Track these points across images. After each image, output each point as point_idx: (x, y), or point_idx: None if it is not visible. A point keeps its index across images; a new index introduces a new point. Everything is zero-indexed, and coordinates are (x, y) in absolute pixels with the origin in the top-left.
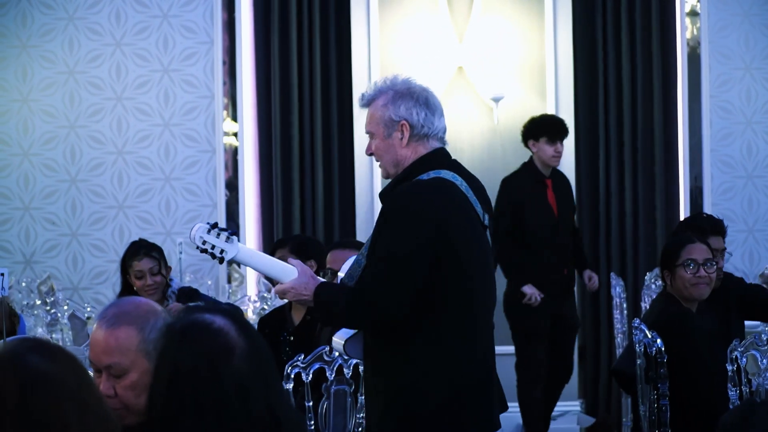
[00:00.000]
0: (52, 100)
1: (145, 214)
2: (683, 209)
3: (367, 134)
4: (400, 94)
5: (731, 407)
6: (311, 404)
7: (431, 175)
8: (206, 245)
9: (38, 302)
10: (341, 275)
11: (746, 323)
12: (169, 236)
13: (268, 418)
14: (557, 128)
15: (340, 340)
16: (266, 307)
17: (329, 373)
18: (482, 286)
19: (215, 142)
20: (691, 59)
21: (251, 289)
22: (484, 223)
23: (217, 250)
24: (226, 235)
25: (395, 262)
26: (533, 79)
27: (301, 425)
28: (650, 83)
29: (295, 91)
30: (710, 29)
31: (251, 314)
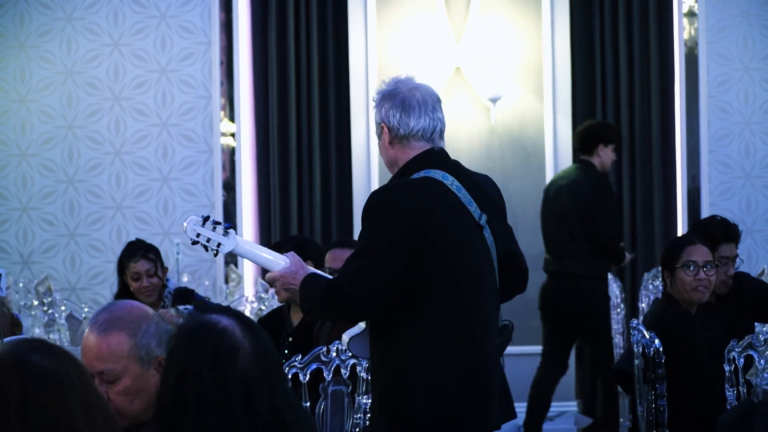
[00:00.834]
0: (50, 100)
1: (142, 214)
2: (681, 209)
3: None
4: (384, 96)
5: (729, 408)
6: (308, 405)
7: (421, 174)
8: (200, 238)
9: (36, 303)
10: None
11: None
12: (167, 237)
13: (272, 419)
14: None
15: (346, 337)
16: (264, 307)
17: (326, 373)
18: (473, 284)
19: (213, 142)
20: (689, 60)
21: (249, 289)
22: (479, 222)
23: (212, 243)
24: (222, 228)
25: (368, 257)
26: (531, 79)
27: (308, 426)
28: (648, 84)
29: (292, 91)
30: (708, 30)
31: (248, 315)
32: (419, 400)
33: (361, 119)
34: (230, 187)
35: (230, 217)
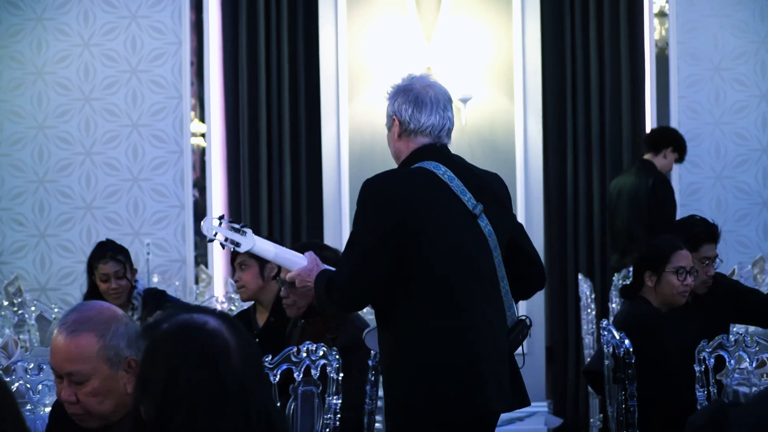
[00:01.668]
0: (20, 100)
1: (113, 214)
2: None
3: None
4: (399, 90)
5: (699, 408)
6: (279, 405)
7: (416, 166)
8: (218, 237)
9: (5, 303)
10: None
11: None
12: (137, 237)
13: (264, 417)
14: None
15: (365, 333)
16: (233, 308)
17: (297, 374)
18: (462, 270)
19: (183, 142)
20: (659, 60)
21: (219, 290)
22: (473, 211)
23: (229, 242)
24: (238, 227)
25: (355, 250)
26: (501, 79)
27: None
28: (618, 84)
29: (262, 91)
30: (679, 30)
31: None
32: (408, 380)
33: (331, 119)
34: (201, 187)
35: (200, 217)
